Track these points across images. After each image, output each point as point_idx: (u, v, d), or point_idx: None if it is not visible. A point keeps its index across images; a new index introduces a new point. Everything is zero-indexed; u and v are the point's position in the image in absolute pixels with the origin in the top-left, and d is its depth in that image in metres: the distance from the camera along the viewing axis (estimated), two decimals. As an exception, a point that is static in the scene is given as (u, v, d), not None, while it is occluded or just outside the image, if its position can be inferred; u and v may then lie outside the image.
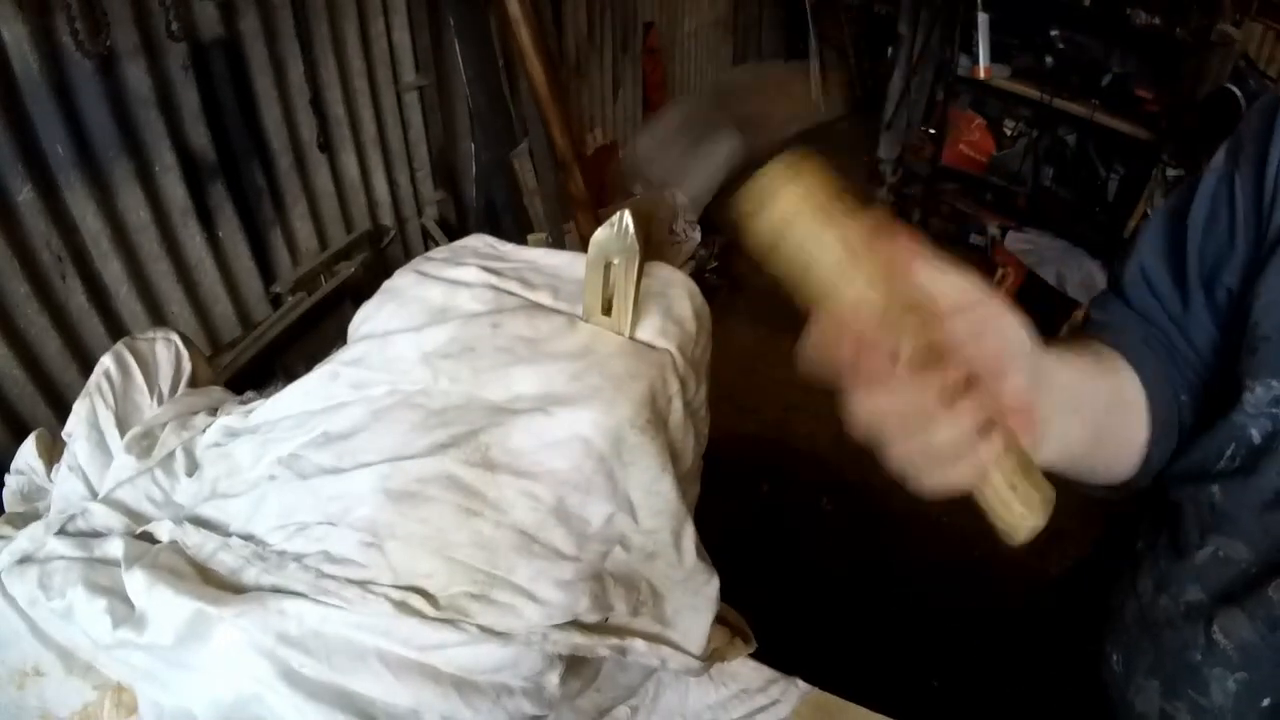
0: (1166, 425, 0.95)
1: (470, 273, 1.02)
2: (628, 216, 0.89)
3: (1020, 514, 0.63)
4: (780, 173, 0.58)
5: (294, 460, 0.91)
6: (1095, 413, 0.85)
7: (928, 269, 0.62)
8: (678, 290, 1.03)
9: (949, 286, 0.62)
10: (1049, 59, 4.09)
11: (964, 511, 0.78)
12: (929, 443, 0.60)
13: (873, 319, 0.58)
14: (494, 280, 1.02)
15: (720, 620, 0.95)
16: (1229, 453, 0.87)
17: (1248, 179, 0.87)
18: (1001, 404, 0.62)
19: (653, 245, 3.19)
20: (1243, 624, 0.84)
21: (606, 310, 0.96)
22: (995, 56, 4.15)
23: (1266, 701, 0.83)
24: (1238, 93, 3.40)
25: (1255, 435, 0.84)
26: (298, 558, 0.84)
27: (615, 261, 0.92)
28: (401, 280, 1.04)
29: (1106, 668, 1.00)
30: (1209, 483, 0.89)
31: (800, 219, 0.58)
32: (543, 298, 1.01)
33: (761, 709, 1.00)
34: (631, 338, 0.96)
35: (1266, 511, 0.83)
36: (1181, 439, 0.97)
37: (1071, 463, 0.84)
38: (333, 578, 0.81)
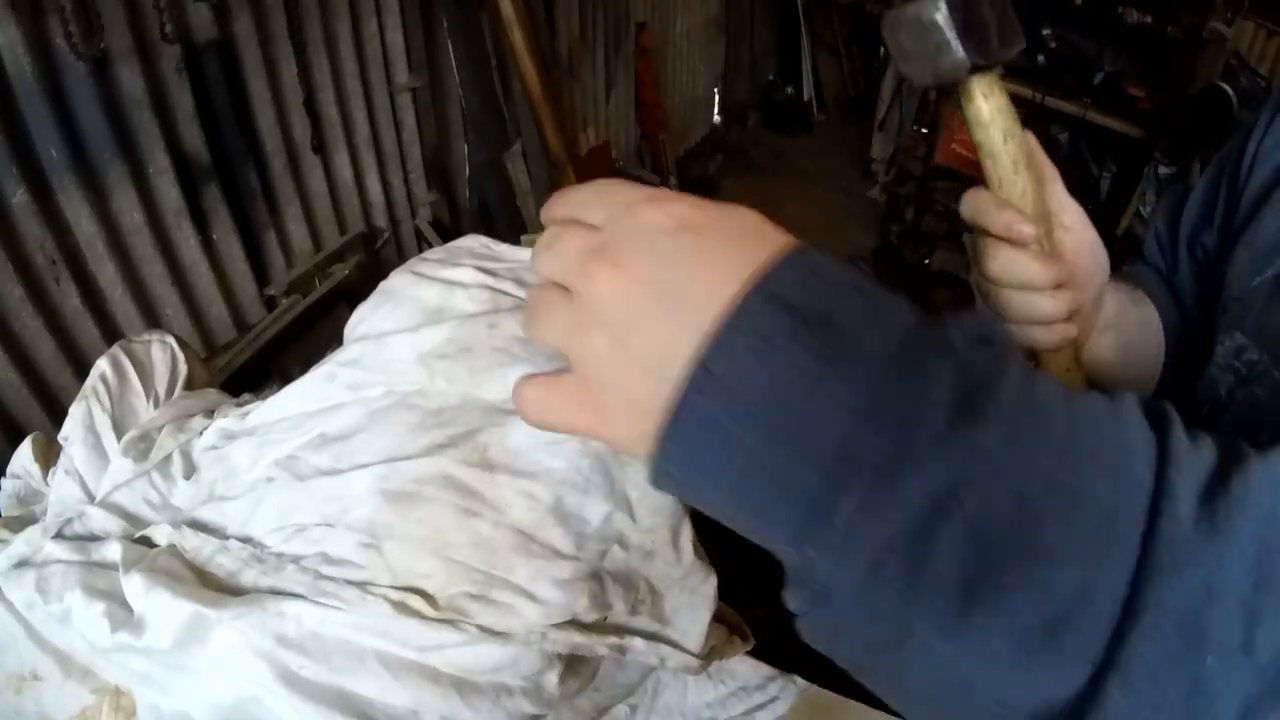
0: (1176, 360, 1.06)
1: (466, 273, 1.02)
2: None
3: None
4: (990, 80, 0.77)
5: (291, 462, 0.90)
6: (1130, 340, 0.99)
7: (1059, 189, 0.83)
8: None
9: (1070, 207, 0.84)
10: (1041, 58, 4.09)
11: None
12: (1035, 306, 0.80)
13: (1028, 211, 0.78)
14: (489, 281, 1.02)
15: (718, 618, 0.95)
16: (1205, 411, 0.94)
17: (1230, 169, 0.99)
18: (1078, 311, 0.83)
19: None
20: None
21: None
22: (988, 55, 4.15)
23: None
24: (1229, 90, 3.41)
25: (1222, 390, 0.92)
26: (296, 559, 0.84)
27: None
28: (397, 281, 1.04)
29: None
30: None
31: (999, 122, 0.78)
32: (539, 297, 1.01)
33: (760, 706, 1.00)
34: (626, 336, 0.96)
35: None
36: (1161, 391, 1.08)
37: (1100, 373, 0.97)
38: (331, 579, 0.81)
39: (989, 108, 0.77)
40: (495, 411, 0.90)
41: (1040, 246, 0.79)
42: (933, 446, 0.40)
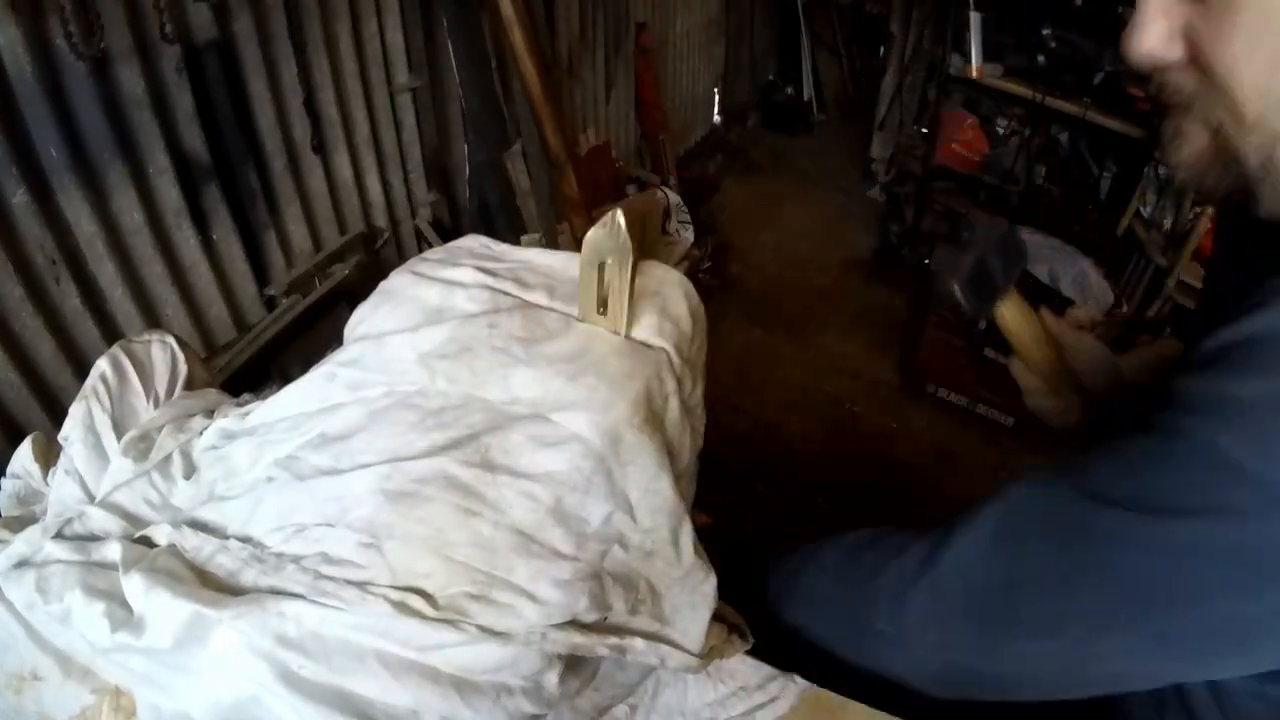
0: None
1: (466, 273, 1.02)
2: (620, 216, 0.89)
3: None
4: (1008, 303, 1.11)
5: (291, 462, 0.90)
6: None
7: (1066, 330, 1.18)
8: (673, 289, 1.03)
9: (1073, 336, 1.18)
10: (1041, 58, 4.09)
11: (959, 510, 0.83)
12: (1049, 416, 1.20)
13: (1046, 375, 1.17)
14: (490, 281, 1.02)
15: (717, 618, 0.96)
16: None
17: None
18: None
19: (646, 245, 3.19)
20: None
21: (602, 309, 0.96)
22: (987, 55, 4.16)
23: None
24: (1229, 91, 3.41)
25: None
26: (296, 559, 0.84)
27: (609, 261, 0.92)
28: (397, 281, 1.04)
29: None
30: None
31: (1024, 331, 1.15)
32: (538, 298, 1.01)
33: (760, 706, 1.00)
34: (627, 337, 0.96)
35: None
36: None
37: None
38: (331, 579, 0.81)
39: (1008, 316, 1.12)
40: (496, 412, 0.90)
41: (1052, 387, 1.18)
42: None
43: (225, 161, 2.17)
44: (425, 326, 0.96)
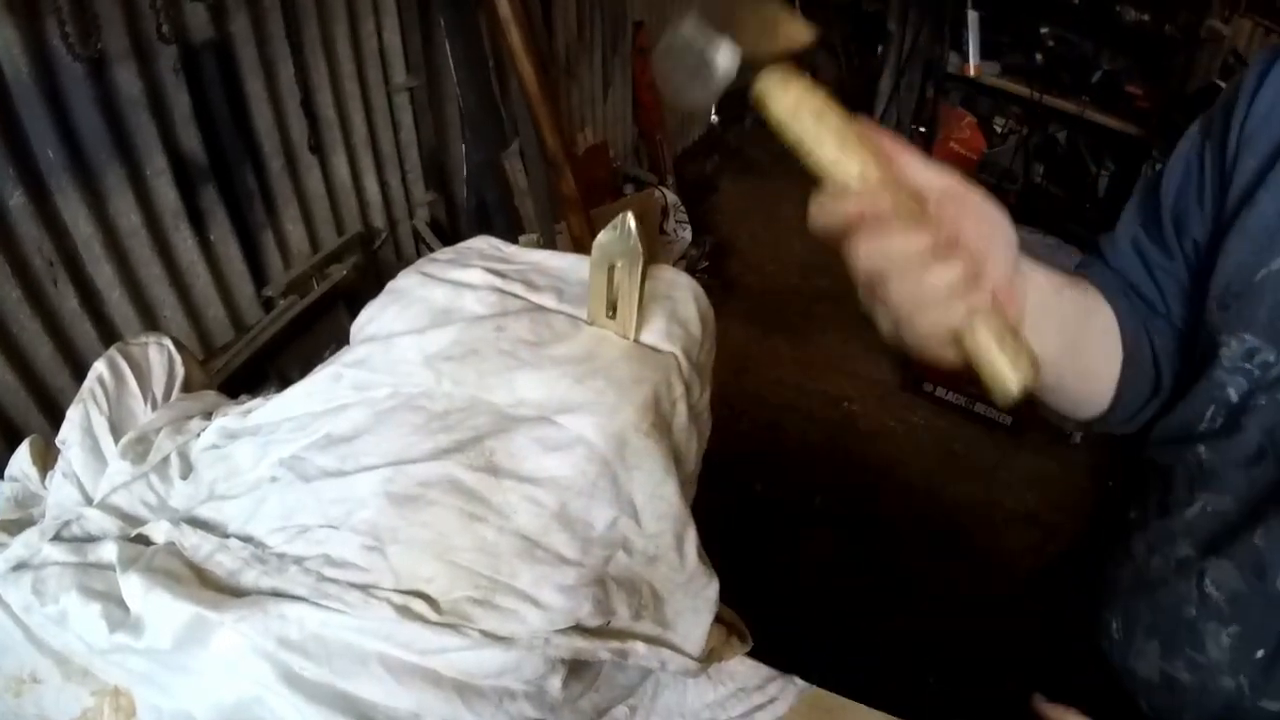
0: (1139, 364, 1.02)
1: (475, 275, 1.02)
2: (630, 219, 0.89)
3: (1010, 367, 0.72)
4: (783, 73, 0.74)
5: (296, 462, 0.90)
6: (1067, 321, 0.93)
7: (915, 162, 0.74)
8: (683, 293, 1.03)
9: (936, 176, 0.75)
10: (1039, 56, 4.10)
11: (957, 509, 0.83)
12: (924, 284, 0.71)
13: (875, 188, 0.71)
14: (498, 283, 1.02)
15: (717, 619, 0.95)
16: (1209, 413, 0.92)
17: (1216, 144, 0.94)
18: (985, 280, 0.73)
19: (646, 244, 3.19)
20: (1232, 574, 0.89)
21: (611, 313, 0.95)
22: (985, 54, 4.17)
23: (1260, 653, 0.88)
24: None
25: (1233, 394, 0.90)
26: (298, 560, 0.84)
27: (619, 264, 0.92)
28: (406, 281, 1.04)
29: (1106, 636, 1.04)
30: (1195, 443, 0.94)
31: (804, 110, 0.73)
32: (547, 300, 1.01)
33: (759, 707, 1.00)
34: (636, 341, 0.96)
35: (1251, 465, 0.89)
36: (1163, 399, 1.05)
37: (1047, 362, 0.87)
38: (334, 581, 0.81)
39: (790, 96, 0.73)
40: (502, 415, 0.90)
41: (903, 216, 0.71)
42: None
43: (222, 162, 2.17)
44: (432, 328, 0.96)
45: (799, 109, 0.73)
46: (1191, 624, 0.92)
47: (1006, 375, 0.72)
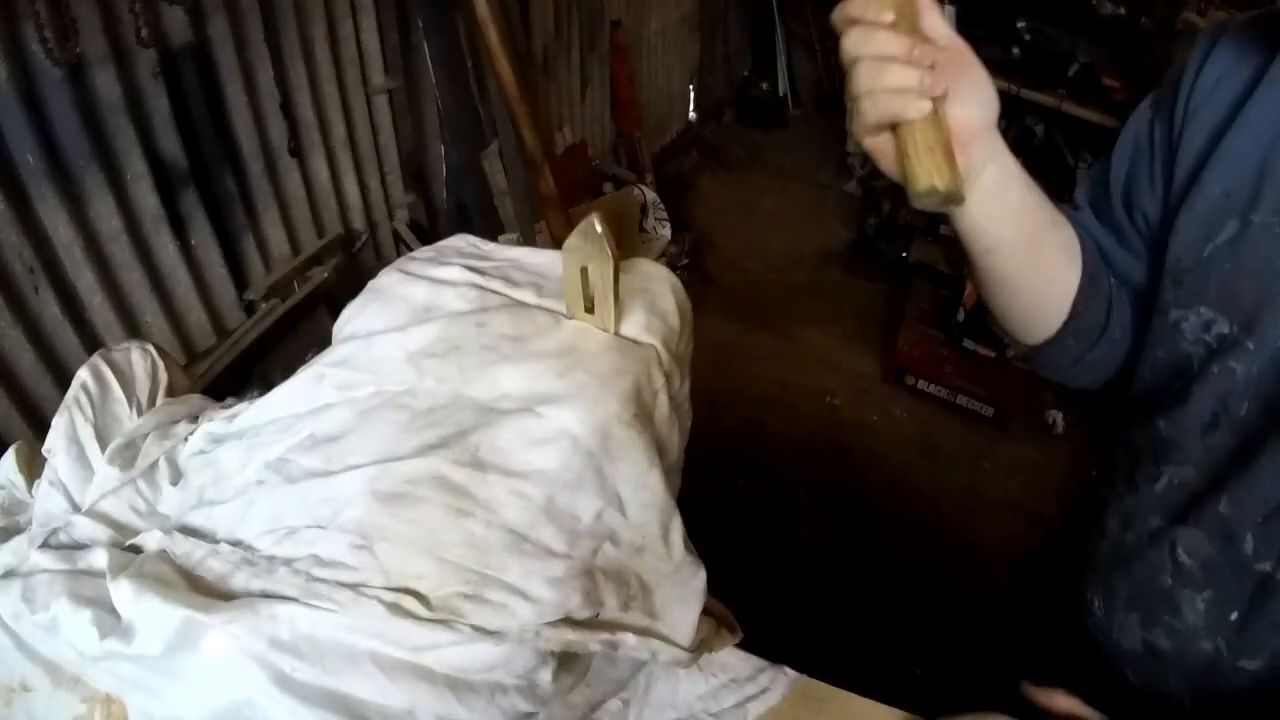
0: (1097, 288, 1.06)
1: (454, 272, 1.03)
2: (597, 222, 0.89)
3: (929, 168, 0.80)
4: None
5: (281, 464, 0.90)
6: (1028, 211, 0.99)
7: (932, 9, 0.82)
8: (660, 285, 1.04)
9: (947, 30, 0.83)
10: (1016, 50, 4.12)
11: (941, 500, 0.84)
12: (880, 83, 0.79)
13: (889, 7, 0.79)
14: (478, 279, 1.02)
15: (705, 612, 0.96)
16: (1175, 388, 0.96)
17: (1165, 120, 0.99)
18: (950, 121, 0.82)
19: (624, 243, 3.19)
20: (1202, 542, 0.92)
21: (589, 308, 0.96)
22: (961, 48, 4.17)
23: (1234, 615, 0.91)
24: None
25: (1194, 364, 0.93)
26: (287, 562, 0.84)
27: (590, 266, 0.92)
28: (386, 280, 1.04)
29: (1090, 614, 1.07)
30: (1156, 417, 0.98)
31: None
32: (527, 296, 1.01)
33: (751, 697, 1.01)
34: (616, 333, 0.96)
35: (1207, 434, 0.92)
36: (1111, 350, 1.10)
37: (1002, 245, 0.98)
38: (324, 581, 0.81)
39: None
40: (485, 411, 0.90)
41: (903, 23, 0.80)
42: None
43: (202, 166, 2.17)
44: (414, 325, 0.96)
45: None
46: (1167, 592, 0.96)
47: (922, 174, 0.80)
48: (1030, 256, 1.00)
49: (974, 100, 0.85)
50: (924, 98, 0.79)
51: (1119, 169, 1.05)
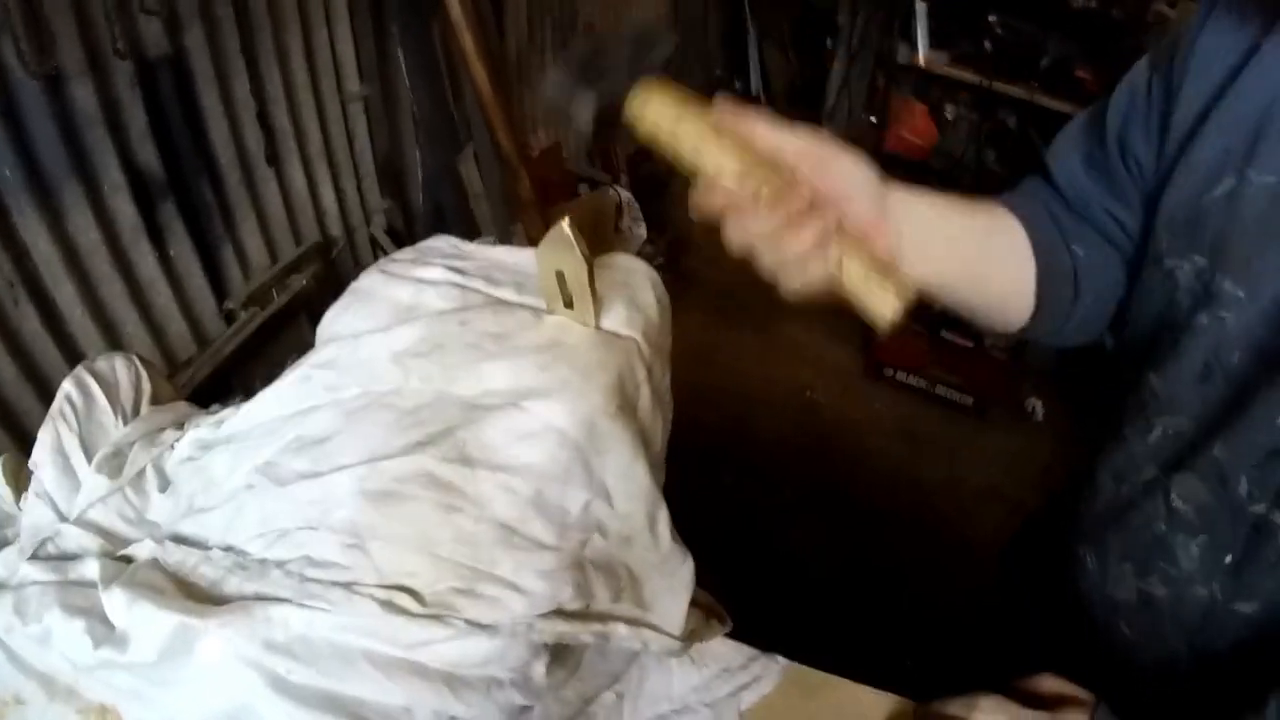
0: (1055, 278, 1.07)
1: (436, 272, 1.03)
2: (567, 229, 0.89)
3: (880, 296, 0.81)
4: (640, 96, 0.81)
5: (270, 468, 0.91)
6: (958, 240, 1.00)
7: (771, 130, 0.81)
8: (640, 279, 1.05)
9: (791, 139, 0.82)
10: (988, 44, 4.14)
11: (925, 490, 0.85)
12: (783, 255, 0.81)
13: (732, 178, 0.78)
14: (459, 279, 1.03)
15: (694, 603, 0.97)
16: (1166, 339, 0.97)
17: (1162, 79, 0.99)
18: (851, 223, 0.82)
19: (600, 243, 3.20)
20: (1197, 486, 0.93)
21: (569, 305, 0.97)
22: (934, 43, 4.20)
23: (1229, 559, 0.92)
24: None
25: (1186, 314, 0.94)
26: (280, 564, 0.84)
27: (564, 270, 0.93)
28: (368, 281, 1.05)
29: (1083, 574, 1.08)
30: (1146, 371, 0.99)
31: (662, 124, 0.81)
32: (508, 294, 1.02)
33: (744, 686, 1.02)
34: (598, 328, 0.97)
35: (1201, 383, 0.93)
36: (1088, 309, 1.10)
37: (946, 285, 0.99)
38: (317, 581, 0.81)
39: (648, 113, 0.82)
40: (471, 407, 0.91)
41: (763, 194, 0.78)
42: None
43: (180, 177, 2.15)
44: (398, 325, 0.97)
45: (656, 121, 0.82)
46: (1161, 539, 0.97)
47: (877, 306, 0.81)
48: (977, 280, 1.03)
49: (854, 183, 0.84)
50: (827, 246, 0.80)
51: (1115, 118, 1.04)
